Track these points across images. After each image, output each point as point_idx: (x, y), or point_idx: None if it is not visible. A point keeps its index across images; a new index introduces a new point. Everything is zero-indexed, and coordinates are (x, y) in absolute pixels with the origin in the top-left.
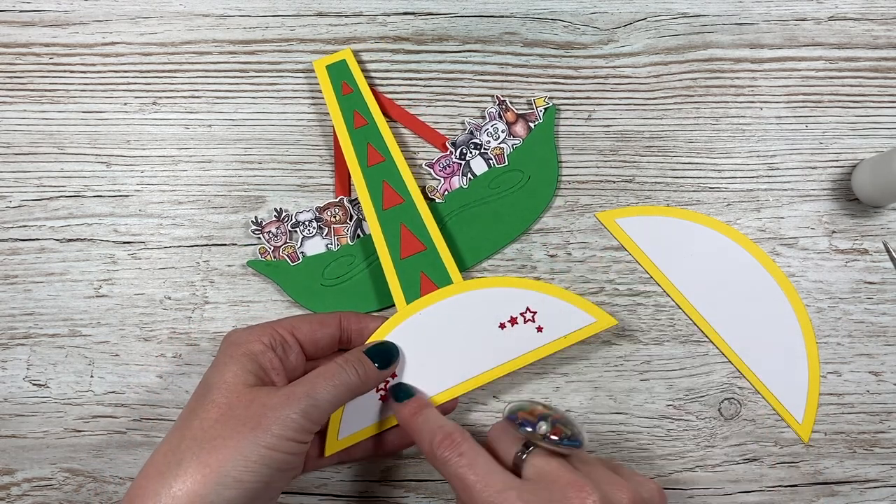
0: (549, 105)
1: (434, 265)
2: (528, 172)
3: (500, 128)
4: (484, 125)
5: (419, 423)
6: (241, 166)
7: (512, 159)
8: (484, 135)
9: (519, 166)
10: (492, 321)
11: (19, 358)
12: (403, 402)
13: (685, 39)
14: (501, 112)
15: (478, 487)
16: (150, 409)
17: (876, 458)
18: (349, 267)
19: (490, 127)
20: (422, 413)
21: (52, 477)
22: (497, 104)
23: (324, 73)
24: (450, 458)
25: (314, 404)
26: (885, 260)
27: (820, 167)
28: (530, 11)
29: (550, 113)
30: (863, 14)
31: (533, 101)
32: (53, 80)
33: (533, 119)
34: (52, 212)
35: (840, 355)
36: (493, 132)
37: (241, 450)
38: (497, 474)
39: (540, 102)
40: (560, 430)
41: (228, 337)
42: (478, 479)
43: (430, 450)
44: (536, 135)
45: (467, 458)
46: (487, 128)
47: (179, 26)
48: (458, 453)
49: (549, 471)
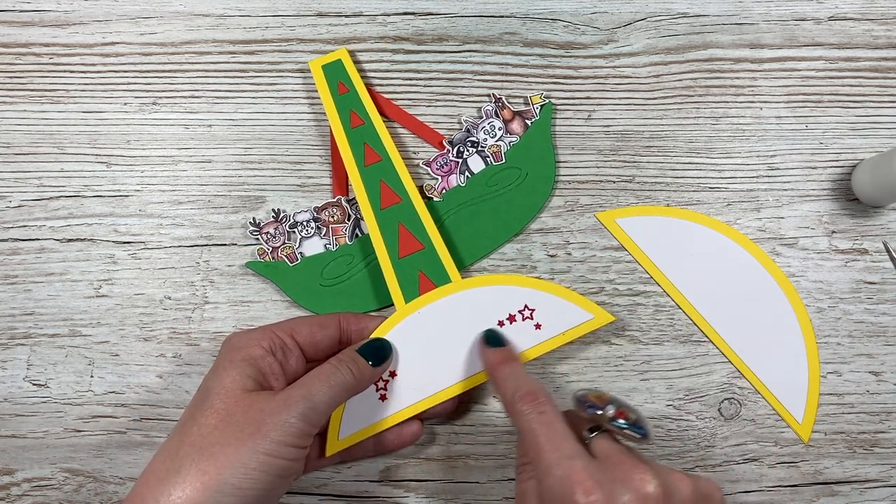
0: (545, 102)
1: (432, 264)
2: (526, 170)
3: (496, 125)
4: (481, 123)
5: (506, 373)
6: (241, 166)
7: (509, 157)
8: (481, 133)
9: (516, 163)
10: (491, 319)
11: (19, 358)
12: (493, 350)
13: (685, 39)
14: (498, 110)
15: (548, 448)
16: (150, 409)
17: (876, 458)
18: (348, 267)
19: (487, 125)
20: (509, 364)
21: (52, 477)
22: (493, 102)
23: (320, 72)
24: (529, 413)
25: (311, 407)
26: (885, 260)
27: (820, 167)
28: (530, 11)
29: (547, 110)
30: (863, 14)
31: (529, 98)
32: (53, 80)
33: (529, 116)
34: (52, 212)
35: (840, 355)
36: (490, 130)
37: (240, 457)
38: (570, 441)
39: (536, 100)
40: (626, 413)
41: (228, 341)
42: (550, 440)
43: (511, 401)
44: (533, 132)
45: (546, 417)
46: (484, 126)
47: (179, 26)
48: (539, 410)
49: (613, 453)
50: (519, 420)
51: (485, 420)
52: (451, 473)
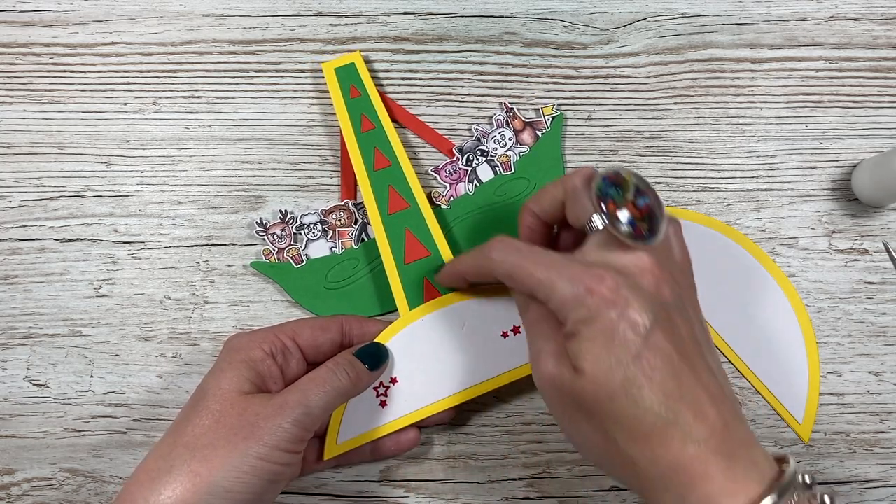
0: (556, 114)
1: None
2: (535, 180)
3: (507, 135)
4: (491, 132)
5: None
6: (241, 166)
7: (518, 167)
8: (491, 142)
9: (525, 174)
10: (494, 330)
11: (19, 358)
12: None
13: (685, 39)
14: (509, 119)
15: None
16: (150, 409)
17: (876, 458)
18: (353, 270)
19: (497, 134)
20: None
21: (52, 477)
22: (505, 111)
23: (332, 75)
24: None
25: (306, 412)
26: (885, 260)
27: (820, 167)
28: (530, 11)
29: (558, 121)
30: (863, 14)
31: (541, 109)
32: (53, 80)
33: (540, 127)
34: (52, 212)
35: (840, 355)
36: (501, 139)
37: (232, 460)
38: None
39: (548, 111)
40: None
41: (229, 342)
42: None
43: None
44: (543, 143)
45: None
46: (494, 135)
47: (179, 26)
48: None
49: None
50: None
51: (485, 420)
52: (451, 473)
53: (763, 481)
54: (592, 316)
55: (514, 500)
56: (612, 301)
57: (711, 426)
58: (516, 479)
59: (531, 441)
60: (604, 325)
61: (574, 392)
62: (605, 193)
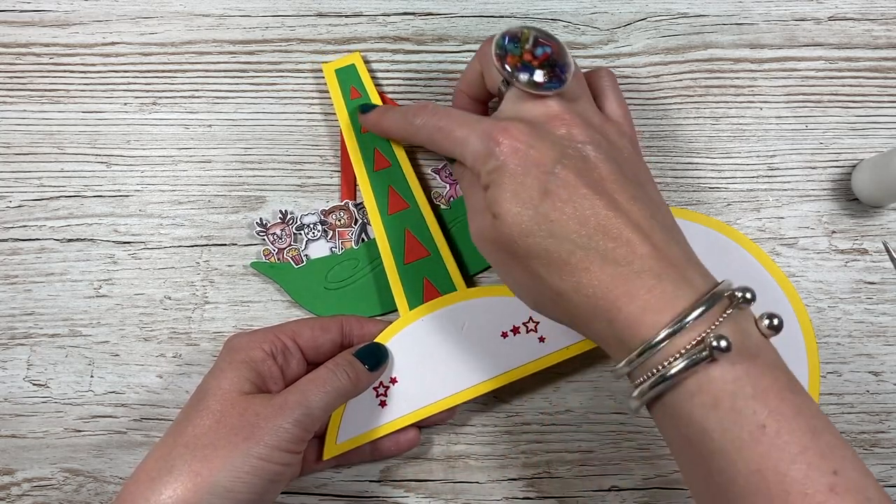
0: None
1: (438, 271)
2: None
3: None
4: None
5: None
6: (241, 166)
7: None
8: None
9: None
10: (494, 330)
11: (19, 358)
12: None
13: (685, 39)
14: None
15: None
16: (151, 409)
17: (876, 458)
18: (353, 271)
19: None
20: (387, 112)
21: (52, 477)
22: None
23: (332, 76)
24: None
25: (307, 413)
26: (885, 260)
27: (820, 167)
28: (530, 11)
29: None
30: (863, 14)
31: None
32: (53, 80)
33: None
34: (52, 212)
35: (840, 355)
36: None
37: (233, 460)
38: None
39: None
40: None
41: (229, 342)
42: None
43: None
44: None
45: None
46: None
47: (179, 26)
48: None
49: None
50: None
51: (485, 420)
52: (451, 473)
53: (695, 297)
54: (500, 165)
55: (514, 500)
56: (516, 148)
57: (633, 249)
58: (516, 479)
59: (531, 441)
60: (511, 170)
61: (497, 238)
62: (503, 48)
